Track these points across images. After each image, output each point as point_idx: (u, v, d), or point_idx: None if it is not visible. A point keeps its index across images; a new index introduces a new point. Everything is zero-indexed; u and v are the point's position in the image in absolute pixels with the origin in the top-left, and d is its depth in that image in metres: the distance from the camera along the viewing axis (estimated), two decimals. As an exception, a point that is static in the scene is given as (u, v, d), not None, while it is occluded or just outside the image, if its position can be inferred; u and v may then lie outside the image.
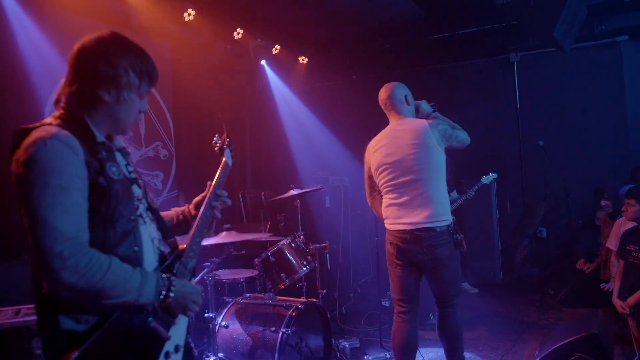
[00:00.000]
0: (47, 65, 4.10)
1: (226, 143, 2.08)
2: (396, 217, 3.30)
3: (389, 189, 3.34)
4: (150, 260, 1.61)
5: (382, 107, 3.59)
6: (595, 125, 6.82)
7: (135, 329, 1.49)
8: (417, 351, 3.43)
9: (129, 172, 1.65)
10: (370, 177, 3.50)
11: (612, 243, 4.47)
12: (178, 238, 1.83)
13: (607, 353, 3.31)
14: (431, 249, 3.19)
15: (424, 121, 3.37)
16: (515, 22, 6.34)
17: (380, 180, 3.39)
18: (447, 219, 3.24)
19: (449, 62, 7.63)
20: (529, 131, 7.21)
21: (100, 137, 1.57)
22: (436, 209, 3.21)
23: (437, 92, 7.48)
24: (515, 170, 7.34)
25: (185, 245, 1.72)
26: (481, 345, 4.49)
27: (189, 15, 5.16)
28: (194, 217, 1.94)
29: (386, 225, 3.40)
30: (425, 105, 3.59)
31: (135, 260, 1.53)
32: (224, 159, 2.05)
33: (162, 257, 1.68)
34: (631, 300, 3.68)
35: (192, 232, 1.76)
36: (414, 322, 3.37)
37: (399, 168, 3.28)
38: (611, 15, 6.31)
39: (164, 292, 1.53)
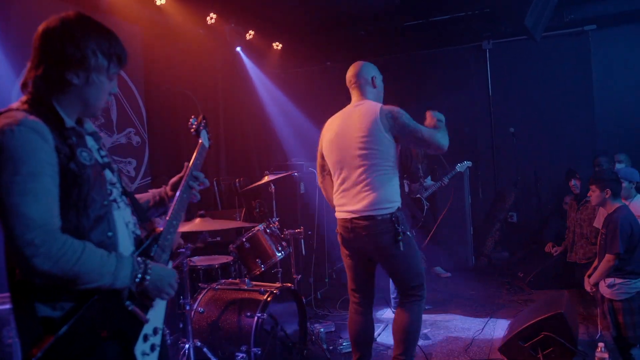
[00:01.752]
0: (11, 48, 3.99)
1: (202, 124, 2.06)
2: (340, 205, 3.20)
3: (334, 171, 3.26)
4: (125, 244, 1.61)
5: (347, 84, 3.42)
6: (564, 112, 6.99)
7: (113, 313, 1.49)
8: (373, 342, 3.35)
9: (102, 157, 1.63)
10: (322, 156, 3.39)
11: (600, 222, 4.59)
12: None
13: (572, 332, 3.43)
14: (373, 238, 3.06)
15: (378, 105, 3.20)
16: (488, 10, 6.42)
17: (329, 161, 3.30)
18: (389, 207, 3.05)
19: (422, 50, 7.69)
20: (501, 118, 7.35)
21: (69, 122, 1.54)
22: (378, 197, 3.05)
23: (411, 79, 7.57)
24: (487, 156, 7.47)
25: (162, 228, 1.72)
26: (453, 327, 4.60)
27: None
28: (170, 198, 1.93)
29: (335, 214, 3.29)
30: (435, 115, 3.33)
31: (109, 245, 1.53)
32: (200, 141, 2.04)
33: (138, 241, 1.68)
34: (592, 279, 3.82)
35: (169, 214, 1.76)
36: (368, 313, 3.30)
37: (345, 151, 3.15)
38: (580, 4, 6.44)
39: (139, 276, 1.53)
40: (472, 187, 7.02)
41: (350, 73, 3.40)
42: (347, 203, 3.15)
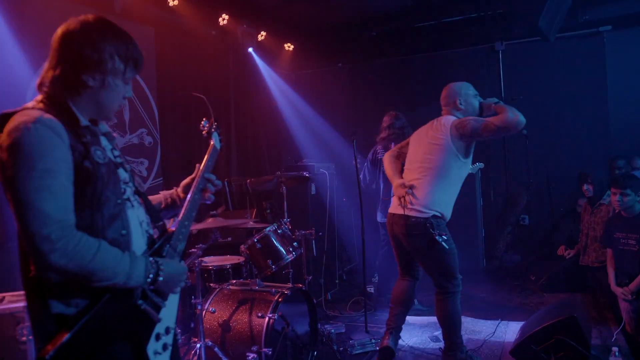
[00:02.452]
0: (29, 49, 4.04)
1: (214, 126, 2.08)
2: (394, 202, 3.68)
3: (404, 169, 3.72)
4: (138, 243, 1.62)
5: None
6: (578, 114, 6.91)
7: (126, 312, 1.50)
8: (409, 308, 3.92)
9: (115, 157, 1.64)
10: (403, 147, 3.90)
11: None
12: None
13: (585, 336, 3.39)
14: (405, 237, 3.55)
15: (451, 119, 3.52)
16: (501, 11, 6.38)
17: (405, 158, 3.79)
18: (425, 212, 3.43)
19: (435, 51, 7.65)
20: (513, 120, 7.28)
21: (84, 121, 1.56)
22: (416, 201, 3.46)
23: (423, 80, 7.54)
24: (499, 158, 7.41)
25: (174, 229, 1.73)
26: (464, 330, 4.54)
27: (173, 0, 5.11)
28: (182, 200, 1.94)
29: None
30: (489, 101, 3.64)
31: (123, 243, 1.54)
32: (212, 142, 2.05)
33: (151, 241, 1.69)
34: (632, 286, 3.74)
35: (180, 215, 1.77)
36: (411, 286, 3.86)
37: (414, 157, 3.65)
38: (595, 5, 6.37)
39: (151, 276, 1.54)
40: (484, 190, 6.98)
41: (442, 94, 3.79)
42: (395, 201, 3.64)
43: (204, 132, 2.07)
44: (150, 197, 1.94)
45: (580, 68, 6.92)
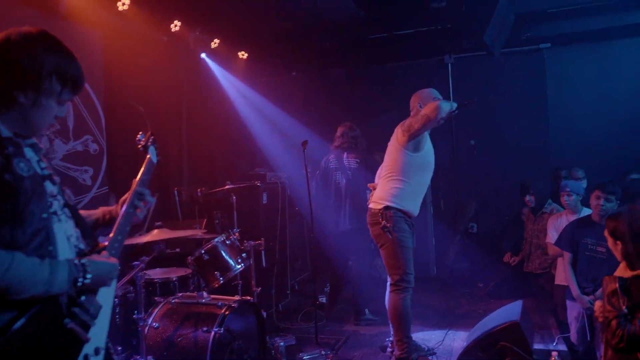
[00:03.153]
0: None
1: (150, 140, 2.03)
2: None
3: None
4: (66, 258, 1.54)
5: None
6: (522, 126, 7.17)
7: (52, 331, 1.43)
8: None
9: (42, 169, 1.57)
10: None
11: (550, 237, 4.61)
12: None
13: (528, 341, 3.49)
14: (369, 227, 3.92)
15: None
16: (450, 25, 6.55)
17: None
18: (381, 203, 3.80)
19: (387, 62, 7.77)
20: (462, 130, 7.47)
21: (5, 133, 1.48)
22: (377, 194, 3.89)
23: (376, 91, 7.65)
24: (449, 167, 7.58)
25: (106, 243, 1.67)
26: (414, 338, 4.61)
27: (123, 4, 4.98)
28: None
29: None
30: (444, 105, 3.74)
31: (49, 259, 1.46)
32: (148, 156, 2.00)
33: (81, 255, 1.61)
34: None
35: (114, 229, 1.71)
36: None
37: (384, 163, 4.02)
38: (535, 23, 6.65)
39: (80, 280, 1.48)
40: (434, 199, 7.11)
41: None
42: None
43: (139, 146, 2.02)
44: (89, 213, 1.89)
45: (523, 82, 7.20)
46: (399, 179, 3.81)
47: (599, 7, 6.07)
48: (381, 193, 3.86)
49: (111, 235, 1.69)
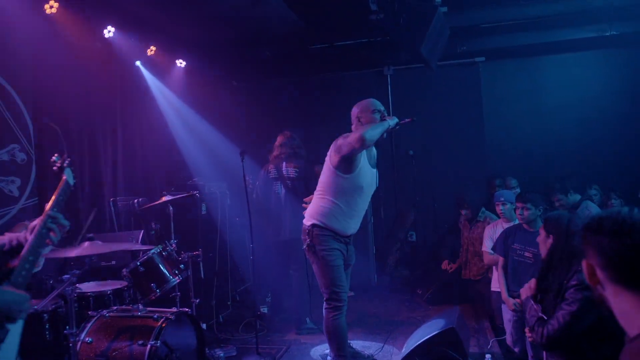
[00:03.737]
0: None
1: (66, 162, 1.94)
2: None
3: None
4: None
5: None
6: (458, 137, 7.44)
7: None
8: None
9: None
10: None
11: (486, 245, 4.77)
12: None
13: (463, 345, 3.59)
14: (303, 241, 3.82)
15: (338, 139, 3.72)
16: (388, 37, 6.71)
17: None
18: (310, 220, 3.75)
19: (327, 73, 7.87)
20: (401, 140, 7.65)
21: None
22: (308, 210, 3.83)
23: (316, 102, 7.71)
24: (388, 177, 7.72)
25: (16, 263, 1.58)
26: (354, 345, 4.64)
27: (51, 7, 4.77)
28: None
29: None
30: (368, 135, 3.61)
31: None
32: (64, 178, 1.91)
33: None
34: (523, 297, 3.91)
35: (24, 251, 1.62)
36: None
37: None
38: (470, 37, 6.93)
39: None
40: (374, 207, 7.22)
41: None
42: None
43: (54, 168, 1.93)
44: None
45: (459, 94, 7.49)
46: (328, 198, 3.73)
47: (529, 23, 6.40)
48: (311, 210, 3.81)
49: (21, 255, 1.60)
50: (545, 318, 2.64)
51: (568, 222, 2.83)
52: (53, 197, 1.81)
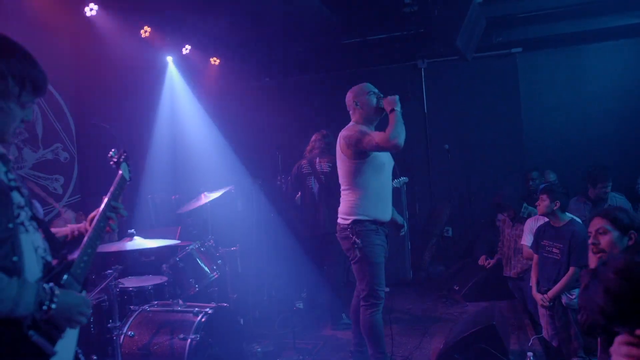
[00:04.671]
0: None
1: (123, 157, 2.00)
2: None
3: None
4: (33, 270, 1.50)
5: None
6: (495, 129, 7.29)
7: (14, 344, 1.38)
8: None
9: (9, 180, 1.53)
10: None
11: (526, 239, 4.70)
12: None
13: (504, 342, 3.53)
14: (339, 239, 3.74)
15: (343, 133, 3.68)
16: (422, 30, 6.62)
17: None
18: (348, 218, 3.63)
19: (360, 67, 7.81)
20: (436, 135, 7.56)
21: None
22: (341, 208, 3.71)
23: (349, 97, 7.65)
24: (423, 172, 7.65)
25: (75, 257, 1.62)
26: (391, 342, 4.62)
27: (91, 10, 4.90)
28: None
29: None
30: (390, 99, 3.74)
31: (13, 271, 1.42)
32: (120, 173, 1.97)
33: (48, 268, 1.57)
34: (551, 293, 3.86)
35: (84, 242, 1.67)
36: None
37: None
38: (507, 28, 6.77)
39: (46, 304, 1.43)
40: (410, 203, 7.15)
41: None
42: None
43: (111, 163, 2.00)
44: (57, 230, 1.84)
45: (496, 86, 7.33)
46: (355, 189, 3.67)
47: (568, 11, 6.22)
48: (345, 207, 3.71)
49: (81, 248, 1.65)
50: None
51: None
52: (110, 190, 1.87)
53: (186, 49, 6.47)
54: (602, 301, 1.37)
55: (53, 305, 1.44)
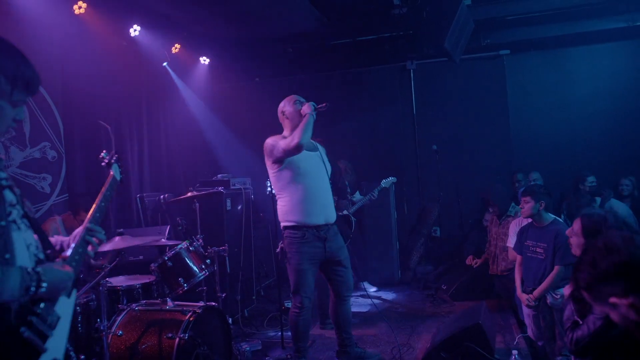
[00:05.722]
0: None
1: (114, 158, 2.02)
2: None
3: None
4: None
5: None
6: (483, 131, 7.36)
7: (5, 340, 1.39)
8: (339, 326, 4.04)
9: (0, 179, 1.54)
10: None
11: (511, 241, 4.73)
12: None
13: (490, 341, 3.57)
14: None
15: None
16: (411, 32, 6.67)
17: None
18: (281, 223, 3.80)
19: (349, 68, 7.85)
20: (424, 136, 7.61)
21: None
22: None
23: (339, 97, 7.69)
24: (412, 172, 7.70)
25: (68, 254, 1.64)
26: (378, 341, 4.66)
27: (80, 8, 4.87)
28: None
29: None
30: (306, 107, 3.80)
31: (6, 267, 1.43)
32: (111, 173, 1.99)
33: (40, 264, 1.58)
34: (536, 293, 3.89)
35: (77, 240, 1.70)
36: (334, 303, 4.01)
37: None
38: (495, 30, 6.84)
39: (33, 287, 1.43)
40: (398, 203, 7.19)
41: None
42: None
43: (103, 164, 2.02)
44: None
45: (484, 87, 7.40)
46: (281, 196, 3.78)
47: (556, 15, 6.30)
48: (279, 214, 3.82)
49: (73, 245, 1.67)
50: (580, 322, 2.55)
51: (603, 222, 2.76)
52: (101, 192, 1.88)
53: (176, 48, 6.45)
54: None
55: (43, 285, 1.45)
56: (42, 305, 1.49)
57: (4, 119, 1.50)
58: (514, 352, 3.27)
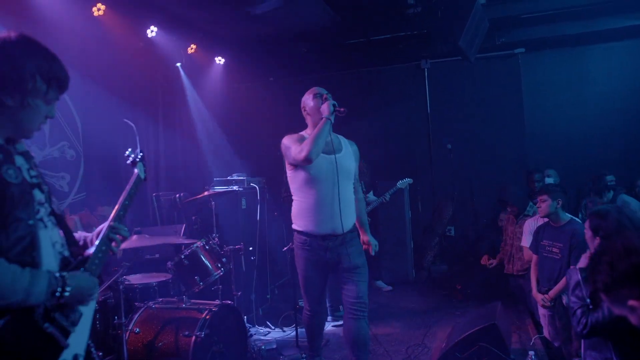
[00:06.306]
0: None
1: (139, 157, 2.05)
2: None
3: None
4: (50, 265, 1.55)
5: None
6: (497, 129, 7.31)
7: (29, 336, 1.42)
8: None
9: (31, 177, 1.58)
10: None
11: (526, 241, 4.70)
12: None
13: (505, 341, 3.55)
14: None
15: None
16: (425, 30, 6.65)
17: None
18: (292, 224, 3.55)
19: (364, 67, 7.85)
20: (438, 134, 7.59)
21: None
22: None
23: (353, 96, 7.70)
24: (426, 171, 7.68)
25: (91, 252, 1.68)
26: (393, 340, 4.67)
27: (99, 10, 4.94)
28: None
29: None
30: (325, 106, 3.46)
31: (31, 264, 1.47)
32: (136, 172, 2.02)
33: (65, 262, 1.62)
34: (551, 293, 3.88)
35: (99, 238, 1.74)
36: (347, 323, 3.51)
37: None
38: (510, 29, 6.79)
39: (58, 291, 1.48)
40: (412, 202, 7.19)
41: None
42: None
43: (128, 162, 2.05)
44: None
45: (498, 86, 7.36)
46: (295, 197, 3.54)
47: (571, 13, 6.23)
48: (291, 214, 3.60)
49: (96, 244, 1.71)
50: (591, 307, 2.54)
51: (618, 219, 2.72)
52: (125, 190, 1.91)
53: (191, 48, 6.50)
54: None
55: (67, 290, 1.49)
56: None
57: (38, 116, 1.56)
58: (531, 352, 3.26)
